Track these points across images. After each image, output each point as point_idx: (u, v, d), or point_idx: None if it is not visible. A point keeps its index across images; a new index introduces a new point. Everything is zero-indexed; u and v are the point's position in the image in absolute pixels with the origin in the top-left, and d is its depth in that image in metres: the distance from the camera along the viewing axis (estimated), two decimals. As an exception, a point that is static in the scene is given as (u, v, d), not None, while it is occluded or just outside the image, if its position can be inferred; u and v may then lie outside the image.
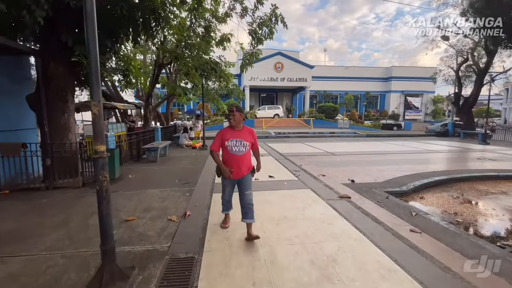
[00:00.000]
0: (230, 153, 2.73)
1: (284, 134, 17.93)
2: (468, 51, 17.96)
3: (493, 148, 11.77)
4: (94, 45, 1.78)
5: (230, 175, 2.72)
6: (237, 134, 2.72)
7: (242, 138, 2.72)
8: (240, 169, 2.75)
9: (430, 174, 6.19)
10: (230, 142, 2.70)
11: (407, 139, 16.45)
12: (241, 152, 2.72)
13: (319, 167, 6.87)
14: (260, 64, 22.47)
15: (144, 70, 12.49)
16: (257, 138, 2.92)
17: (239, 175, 2.78)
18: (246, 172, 2.81)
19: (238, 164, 2.73)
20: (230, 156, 2.73)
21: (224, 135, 2.74)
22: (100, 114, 1.84)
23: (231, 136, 2.71)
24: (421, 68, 33.47)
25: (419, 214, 3.66)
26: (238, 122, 2.72)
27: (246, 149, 2.75)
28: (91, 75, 1.80)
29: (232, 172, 2.73)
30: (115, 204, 3.96)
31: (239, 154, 2.72)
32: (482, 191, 5.41)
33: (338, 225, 3.19)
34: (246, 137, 2.75)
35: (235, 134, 2.72)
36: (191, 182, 5.21)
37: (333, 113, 26.20)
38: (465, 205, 4.62)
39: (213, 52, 9.80)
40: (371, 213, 3.61)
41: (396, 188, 4.89)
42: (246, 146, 2.74)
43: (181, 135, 11.38)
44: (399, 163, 7.61)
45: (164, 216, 3.50)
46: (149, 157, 7.48)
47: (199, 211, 3.66)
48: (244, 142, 2.72)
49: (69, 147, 4.88)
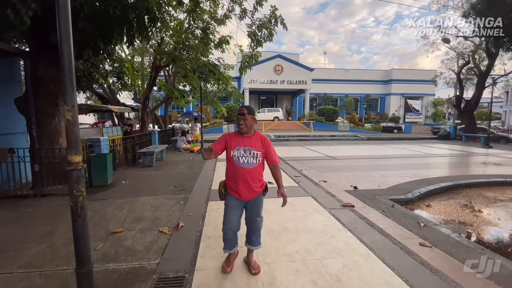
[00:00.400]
0: (236, 166, 2.10)
1: (284, 137, 17.72)
2: (469, 53, 17.82)
3: (496, 152, 11.55)
4: (68, 41, 1.57)
5: (211, 153, 2.06)
6: (245, 141, 2.11)
7: (251, 146, 2.11)
8: (251, 187, 2.12)
9: (435, 180, 5.97)
10: (237, 152, 2.09)
11: (408, 142, 16.26)
12: (251, 165, 2.10)
13: (320, 172, 6.64)
14: (260, 67, 22.33)
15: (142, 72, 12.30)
16: (273, 147, 2.23)
17: (249, 196, 2.15)
18: (258, 192, 2.19)
19: (247, 180, 2.10)
20: (237, 170, 2.10)
21: (229, 142, 2.13)
22: (75, 120, 1.62)
23: (238, 144, 2.10)
24: (421, 70, 33.40)
25: (428, 225, 3.43)
26: (250, 128, 2.12)
27: (258, 161, 2.12)
28: (64, 77, 1.59)
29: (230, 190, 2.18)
30: (105, 214, 3.73)
31: (248, 167, 2.09)
32: (490, 198, 5.18)
33: (342, 238, 2.97)
34: (256, 145, 2.13)
35: (243, 141, 2.11)
36: (186, 189, 4.98)
37: (333, 116, 26.03)
38: (474, 213, 4.39)
39: (212, 54, 9.63)
40: (376, 224, 3.38)
41: (402, 196, 4.67)
42: (257, 156, 2.11)
43: (179, 138, 11.17)
44: (402, 168, 7.39)
45: (155, 228, 3.27)
46: (144, 162, 7.26)
47: (193, 222, 3.43)
48: (255, 152, 2.10)
49: (59, 152, 4.66)
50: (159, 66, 9.62)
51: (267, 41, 8.73)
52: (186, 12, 8.49)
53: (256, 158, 2.11)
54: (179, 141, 11.03)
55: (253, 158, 2.10)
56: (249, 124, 2.09)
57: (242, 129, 2.11)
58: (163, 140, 11.31)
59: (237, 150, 2.10)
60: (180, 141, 11.02)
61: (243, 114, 2.06)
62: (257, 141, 2.15)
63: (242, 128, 2.10)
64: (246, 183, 2.11)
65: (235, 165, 2.11)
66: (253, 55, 9.34)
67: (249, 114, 2.06)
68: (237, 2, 8.68)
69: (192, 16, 8.33)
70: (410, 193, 4.82)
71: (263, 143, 2.16)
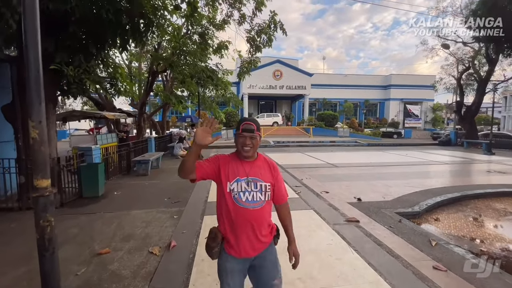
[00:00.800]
0: (236, 207, 1.39)
1: (284, 143, 17.51)
2: (469, 59, 17.78)
3: (499, 159, 11.36)
4: (35, 46, 1.35)
5: (192, 167, 1.33)
6: (248, 169, 1.44)
7: (257, 176, 1.43)
8: (257, 237, 1.42)
9: (441, 190, 5.74)
10: (236, 185, 1.40)
11: (409, 148, 16.07)
12: (258, 203, 1.41)
13: (321, 181, 6.40)
14: (259, 72, 22.24)
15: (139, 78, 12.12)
16: (282, 176, 1.61)
17: (254, 250, 1.43)
18: (267, 242, 1.48)
19: (252, 227, 1.40)
20: (237, 213, 1.39)
21: (224, 168, 1.43)
22: (42, 138, 1.39)
23: (237, 173, 1.42)
24: (420, 76, 33.51)
25: (440, 243, 3.18)
26: (256, 150, 1.48)
27: (267, 197, 1.43)
28: (29, 88, 1.36)
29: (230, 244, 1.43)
30: (91, 231, 3.48)
31: (254, 207, 1.40)
32: (500, 211, 4.95)
33: (348, 261, 2.72)
34: (264, 173, 1.46)
35: (245, 169, 1.43)
36: (181, 201, 4.73)
37: (332, 121, 25.91)
38: (485, 228, 4.16)
39: (210, 60, 9.47)
40: (384, 242, 3.14)
41: (408, 209, 4.43)
42: (266, 190, 1.43)
43: (176, 145, 10.93)
44: (405, 176, 7.16)
45: (144, 248, 3.01)
46: (139, 170, 7.00)
47: (187, 240, 3.17)
48: (262, 184, 1.42)
49: (46, 162, 4.40)
50: (156, 72, 9.44)
51: (266, 46, 8.57)
52: (184, 17, 8.35)
53: (264, 193, 1.42)
54: (176, 148, 10.79)
55: (261, 194, 1.41)
56: (257, 145, 1.44)
57: (247, 152, 1.41)
58: (160, 146, 11.06)
59: (236, 182, 1.40)
60: (178, 148, 10.78)
61: (250, 131, 1.39)
62: (263, 168, 1.48)
63: (247, 151, 1.40)
64: (251, 232, 1.40)
65: (234, 205, 1.39)
66: (252, 60, 9.17)
67: (258, 130, 1.42)
68: (236, 7, 8.56)
69: (190, 21, 8.19)
70: (417, 206, 4.58)
71: (271, 170, 1.49)
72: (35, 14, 1.35)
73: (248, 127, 1.40)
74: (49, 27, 4.48)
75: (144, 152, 8.79)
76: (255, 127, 1.41)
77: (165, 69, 9.66)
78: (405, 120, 32.21)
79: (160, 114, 15.70)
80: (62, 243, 3.07)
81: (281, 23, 8.01)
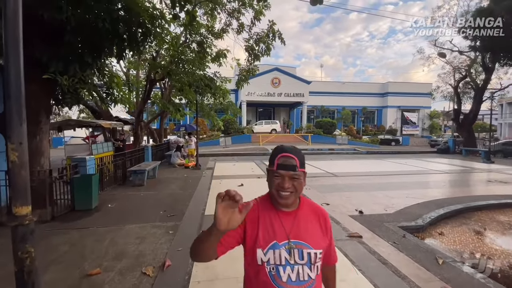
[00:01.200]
0: (271, 285, 0.91)
1: (282, 150, 17.36)
2: (465, 68, 17.97)
3: (499, 168, 11.31)
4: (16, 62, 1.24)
5: None
6: (290, 225, 0.96)
7: (304, 238, 0.96)
8: None
9: (443, 201, 5.63)
10: (273, 254, 0.92)
11: (408, 156, 16.03)
12: (306, 284, 0.93)
13: (322, 192, 6.28)
14: (257, 80, 22.29)
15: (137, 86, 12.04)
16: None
17: None
18: None
19: None
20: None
21: (253, 227, 0.96)
22: (22, 161, 1.27)
23: (274, 234, 0.94)
24: (416, 83, 33.83)
25: (446, 261, 3.05)
26: (298, 195, 0.98)
27: (317, 272, 0.96)
28: (9, 107, 1.25)
29: None
30: (83, 248, 3.31)
31: (298, 285, 0.92)
32: (504, 224, 4.83)
33: (352, 282, 2.58)
34: (313, 233, 0.98)
35: (286, 225, 0.96)
36: (177, 215, 4.57)
37: (331, 128, 25.92)
38: (491, 243, 4.03)
39: (208, 68, 9.44)
40: (389, 261, 3.00)
41: (412, 222, 4.30)
42: (316, 260, 0.95)
43: (173, 153, 10.78)
44: (406, 187, 7.05)
45: (137, 267, 2.85)
46: (135, 181, 6.84)
47: (182, 259, 3.02)
48: (311, 252, 0.94)
49: (37, 174, 4.25)
50: (154, 80, 9.38)
51: (265, 55, 8.57)
52: (182, 26, 8.34)
53: (313, 266, 0.94)
54: (173, 157, 10.65)
55: (310, 268, 0.94)
56: (301, 188, 0.95)
57: (285, 199, 0.94)
58: (157, 155, 10.90)
59: (272, 248, 0.92)
60: (175, 157, 10.64)
61: (291, 168, 0.92)
62: (311, 222, 1.00)
63: (286, 197, 0.93)
64: None
65: (269, 282, 0.91)
66: (250, 69, 9.16)
67: (302, 166, 0.95)
68: (235, 16, 8.58)
69: (188, 30, 8.17)
70: (420, 219, 4.45)
71: (322, 225, 1.01)
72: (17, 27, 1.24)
73: (287, 161, 0.93)
74: (44, 36, 4.41)
75: (140, 161, 8.64)
76: (297, 161, 0.93)
77: (163, 77, 9.59)
78: (403, 127, 32.34)
79: (158, 121, 15.58)
80: (51, 263, 2.91)
81: (280, 32, 8.03)
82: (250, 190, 6.33)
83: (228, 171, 9.53)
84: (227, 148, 18.11)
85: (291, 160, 0.93)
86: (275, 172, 0.94)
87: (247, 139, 22.29)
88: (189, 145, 11.71)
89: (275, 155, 0.97)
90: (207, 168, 9.94)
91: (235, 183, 6.97)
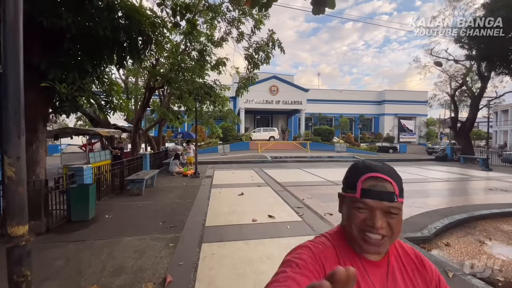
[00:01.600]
0: None
1: (281, 158, 17.33)
2: (461, 76, 18.25)
3: (498, 176, 11.32)
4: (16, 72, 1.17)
5: None
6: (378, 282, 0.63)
7: None
8: None
9: (447, 211, 5.56)
10: None
11: (406, 164, 16.05)
12: None
13: (324, 201, 6.18)
14: (256, 87, 22.32)
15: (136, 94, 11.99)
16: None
17: None
18: None
19: None
20: None
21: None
22: (20, 178, 1.18)
23: None
24: (413, 91, 34.26)
25: (456, 274, 2.96)
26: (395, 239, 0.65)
27: None
28: (7, 119, 1.16)
29: None
30: (79, 263, 3.16)
31: None
32: (509, 233, 4.77)
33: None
34: None
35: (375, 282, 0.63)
36: (177, 226, 4.43)
37: (329, 136, 25.99)
38: (498, 254, 3.95)
39: (208, 76, 9.44)
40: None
41: (417, 233, 4.22)
42: None
43: (172, 161, 10.65)
44: (408, 195, 6.98)
45: (137, 283, 2.71)
46: (133, 190, 6.69)
47: (184, 274, 2.89)
48: None
49: (32, 184, 4.12)
50: (153, 87, 9.34)
51: (264, 63, 8.61)
52: (182, 34, 8.36)
53: None
54: (172, 165, 10.51)
55: None
56: (399, 230, 0.65)
57: (377, 247, 0.63)
58: (155, 163, 10.76)
59: None
60: (173, 165, 10.50)
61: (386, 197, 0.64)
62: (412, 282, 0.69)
63: (378, 244, 0.63)
64: None
65: None
66: (250, 77, 9.18)
67: (401, 195, 0.68)
68: (234, 25, 8.64)
69: (189, 38, 8.19)
70: (425, 229, 4.38)
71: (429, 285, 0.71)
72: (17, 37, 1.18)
73: (378, 186, 0.64)
74: (43, 44, 4.36)
75: (138, 170, 8.49)
76: (395, 187, 0.66)
77: (162, 85, 9.56)
78: (400, 134, 32.54)
79: (156, 129, 15.48)
80: (46, 279, 2.77)
81: (279, 41, 8.10)
82: (251, 199, 6.22)
83: (228, 179, 9.41)
84: (226, 156, 17.99)
85: (385, 184, 0.63)
86: (358, 201, 0.63)
87: (246, 147, 22.23)
88: (188, 153, 11.60)
89: (356, 174, 0.66)
90: (206, 176, 9.81)
91: (235, 192, 6.85)
